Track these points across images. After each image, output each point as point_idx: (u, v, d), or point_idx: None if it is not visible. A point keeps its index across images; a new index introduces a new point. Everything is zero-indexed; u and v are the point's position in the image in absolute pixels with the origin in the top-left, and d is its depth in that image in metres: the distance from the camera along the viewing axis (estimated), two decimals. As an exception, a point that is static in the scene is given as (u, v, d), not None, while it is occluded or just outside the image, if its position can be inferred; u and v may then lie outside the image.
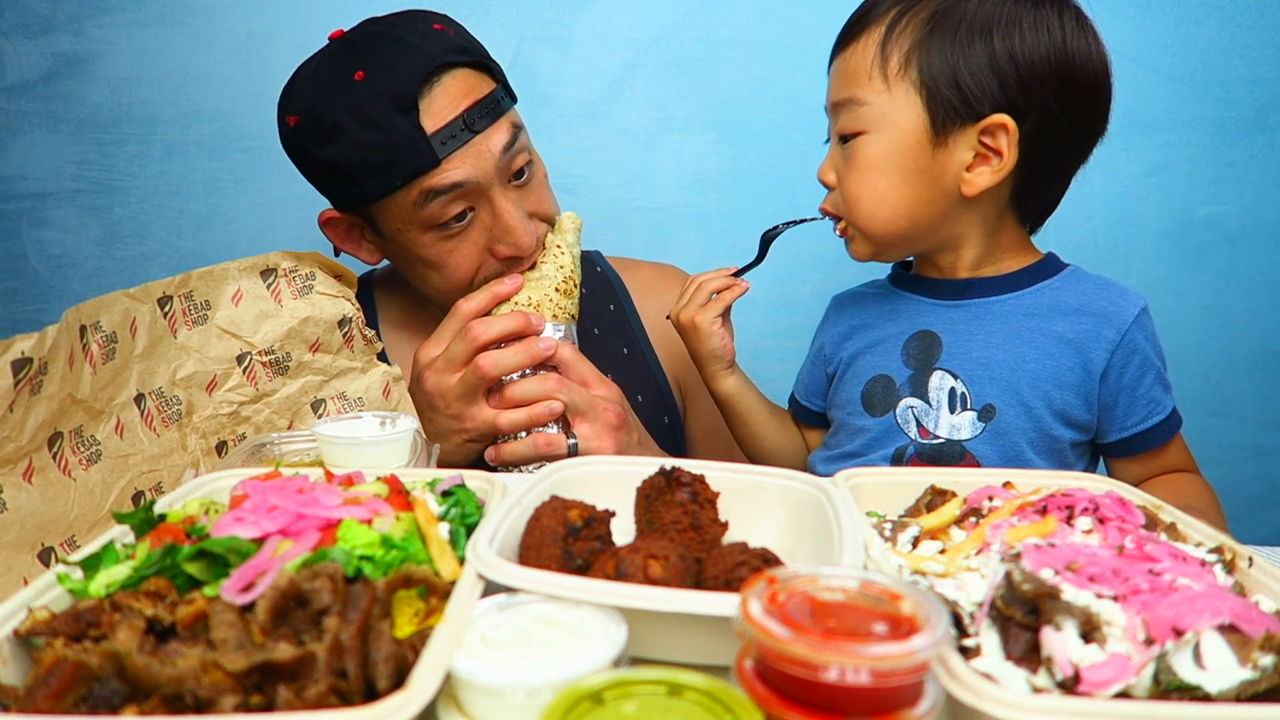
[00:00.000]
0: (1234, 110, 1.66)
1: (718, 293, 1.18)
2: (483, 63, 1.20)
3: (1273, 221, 1.69)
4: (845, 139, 1.06)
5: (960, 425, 1.07)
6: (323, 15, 1.64)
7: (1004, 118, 1.00)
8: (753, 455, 1.28)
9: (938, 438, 1.08)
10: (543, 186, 1.27)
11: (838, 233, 1.12)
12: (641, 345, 1.44)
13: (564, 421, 1.16)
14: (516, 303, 1.18)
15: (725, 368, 1.21)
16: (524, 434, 1.16)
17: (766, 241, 1.19)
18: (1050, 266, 1.12)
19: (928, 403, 1.09)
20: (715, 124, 1.69)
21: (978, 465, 1.05)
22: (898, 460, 1.09)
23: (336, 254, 1.31)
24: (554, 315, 1.19)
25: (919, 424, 1.09)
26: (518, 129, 1.20)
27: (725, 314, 1.19)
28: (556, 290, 1.20)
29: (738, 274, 1.19)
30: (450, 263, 1.20)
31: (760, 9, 1.65)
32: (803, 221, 1.18)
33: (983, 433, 1.06)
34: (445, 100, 1.13)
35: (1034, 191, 1.10)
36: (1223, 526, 0.88)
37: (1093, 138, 1.08)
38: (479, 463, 1.19)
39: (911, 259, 1.21)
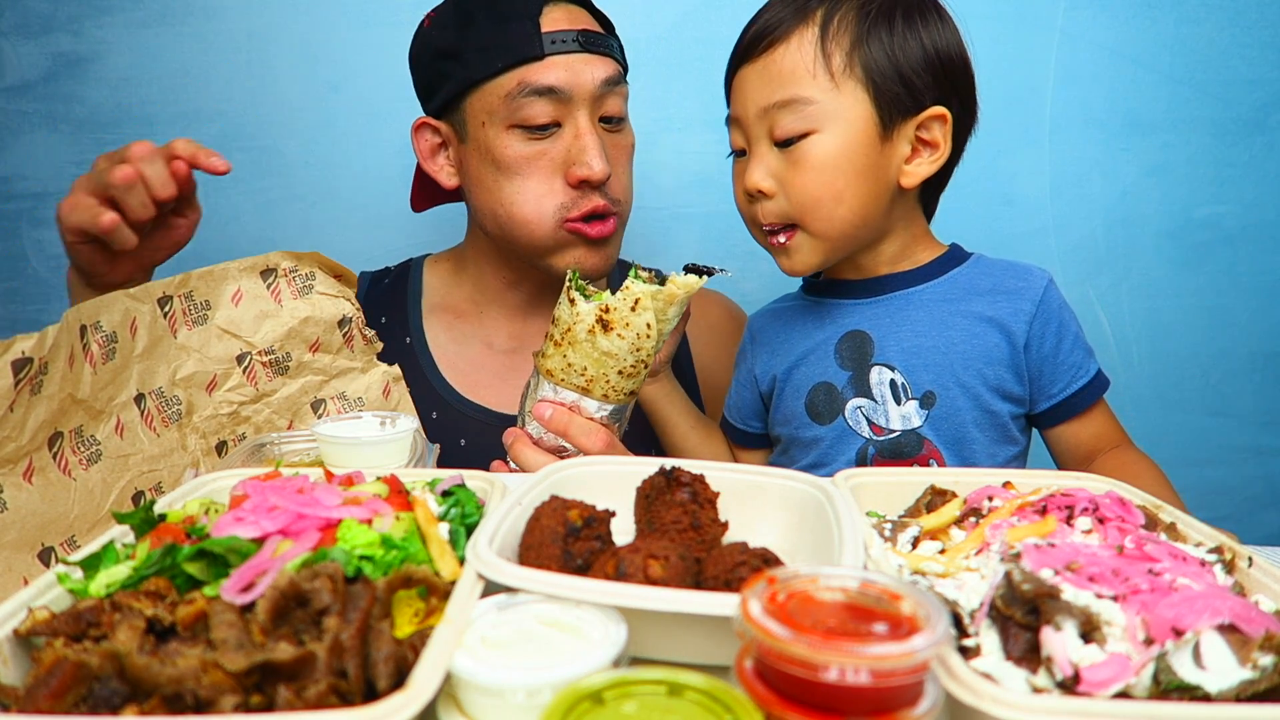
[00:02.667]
0: (1234, 110, 1.66)
1: None
2: (605, 20, 1.30)
3: (1273, 221, 1.69)
4: (787, 142, 1.05)
5: (909, 415, 1.09)
6: (322, 15, 1.64)
7: (942, 109, 1.05)
8: None
9: (893, 431, 1.09)
10: (625, 156, 1.31)
11: (781, 241, 1.10)
12: (687, 378, 1.43)
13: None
14: (571, 365, 1.01)
15: (648, 376, 1.24)
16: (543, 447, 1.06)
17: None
18: (958, 256, 1.16)
19: (873, 399, 1.10)
20: (715, 124, 1.68)
21: (937, 451, 1.08)
22: (861, 462, 1.11)
23: (418, 176, 1.40)
24: (604, 394, 1.02)
25: (870, 422, 1.11)
26: (621, 83, 1.27)
27: None
28: (620, 374, 1.01)
29: None
30: (523, 170, 1.21)
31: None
32: (717, 272, 1.06)
33: (927, 419, 1.08)
34: (566, 18, 1.22)
35: (940, 183, 1.15)
36: (1177, 504, 0.91)
37: (968, 135, 1.14)
38: (480, 462, 1.19)
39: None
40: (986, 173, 1.67)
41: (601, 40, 1.24)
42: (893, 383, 1.09)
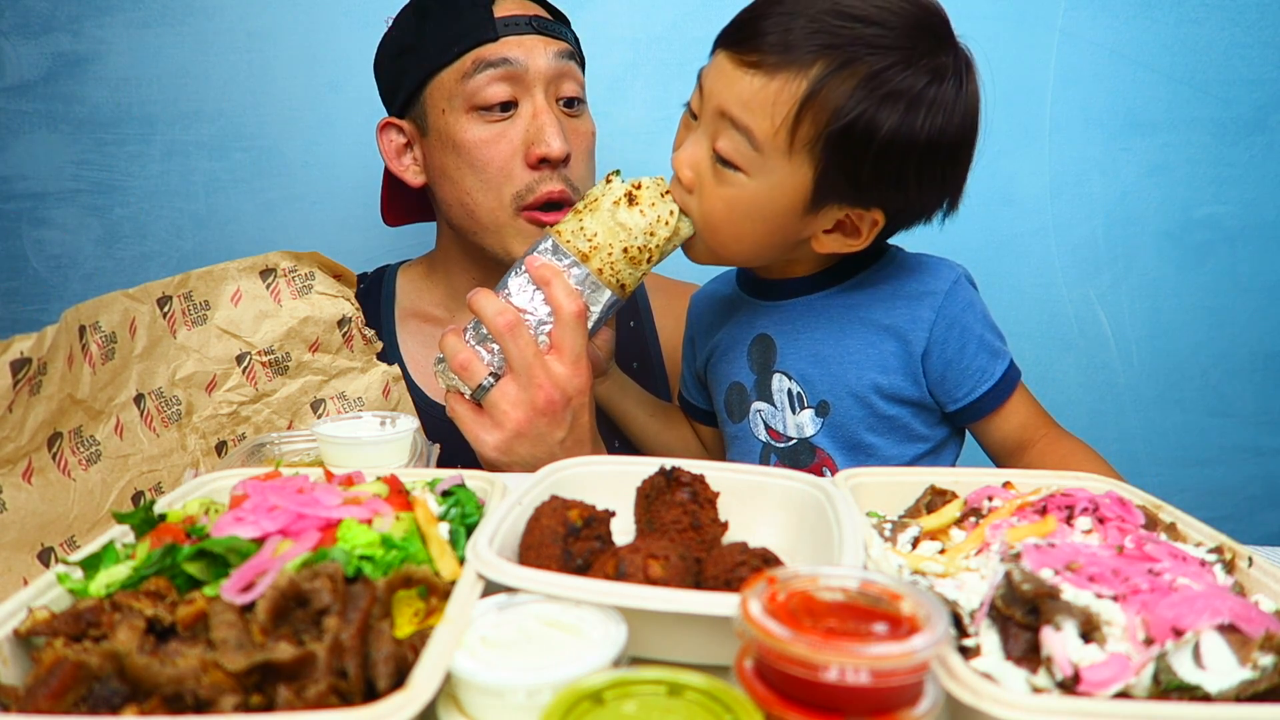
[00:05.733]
0: (1234, 110, 1.66)
1: None
2: (558, 12, 1.34)
3: (1273, 221, 1.69)
4: (723, 160, 0.99)
5: (803, 424, 1.09)
6: (322, 15, 1.64)
7: (879, 215, 1.00)
8: (646, 453, 1.32)
9: (790, 439, 1.10)
10: (585, 143, 1.30)
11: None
12: (654, 364, 1.45)
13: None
14: (584, 228, 1.02)
15: (595, 377, 1.24)
16: (471, 339, 1.05)
17: None
18: (868, 252, 1.09)
19: (773, 405, 1.11)
20: (715, 124, 1.69)
21: (829, 459, 1.09)
22: (764, 464, 1.12)
23: (386, 184, 1.42)
24: (600, 269, 1.02)
25: (767, 426, 1.12)
26: (576, 65, 1.28)
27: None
28: (624, 251, 1.01)
29: None
30: (484, 153, 1.22)
31: (760, 9, 1.65)
32: None
33: (823, 427, 1.08)
34: (518, 5, 1.26)
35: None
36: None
37: (937, 206, 1.04)
38: (451, 465, 1.18)
39: None
40: (986, 173, 1.66)
41: (553, 25, 1.27)
42: (789, 391, 1.10)
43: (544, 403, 1.01)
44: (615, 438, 1.36)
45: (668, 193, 1.03)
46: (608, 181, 1.05)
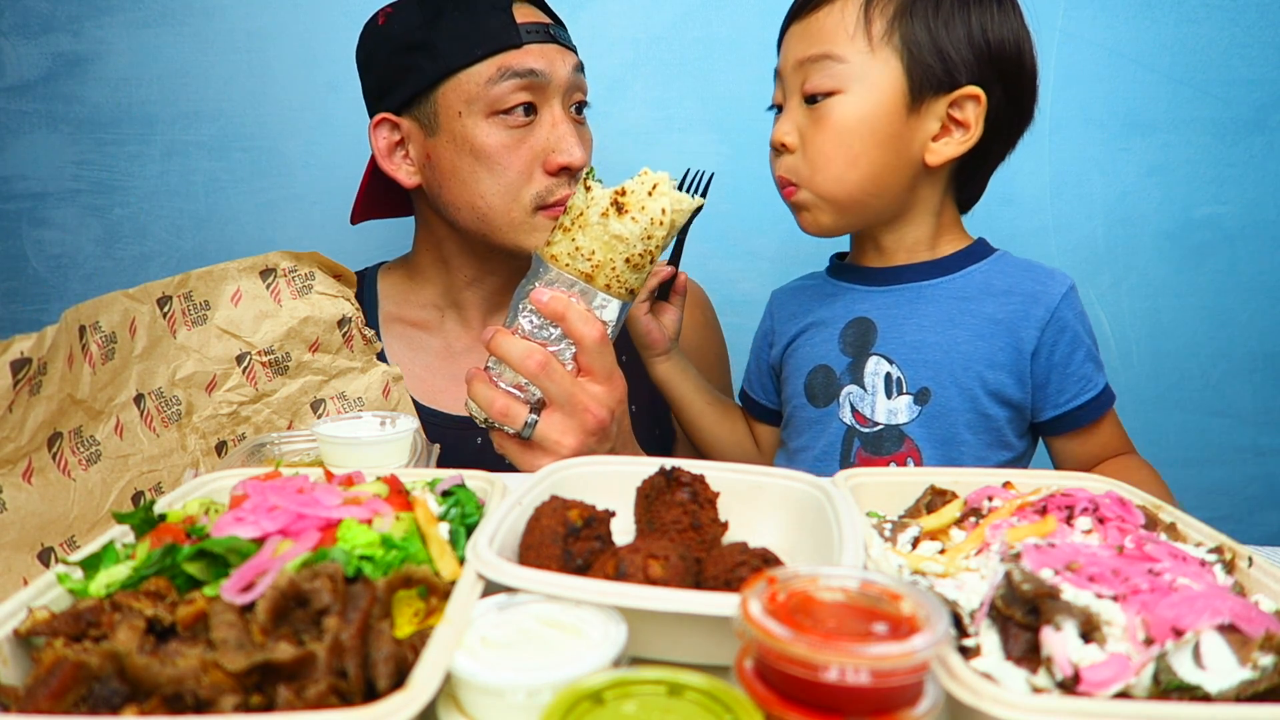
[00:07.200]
0: (1234, 110, 1.66)
1: None
2: (557, 17, 1.33)
3: (1273, 221, 1.69)
4: (813, 99, 1.05)
5: (897, 410, 1.08)
6: (322, 15, 1.64)
7: (977, 90, 1.04)
8: (696, 443, 1.31)
9: (876, 424, 1.09)
10: (590, 145, 1.32)
11: (787, 197, 1.12)
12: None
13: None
14: (579, 248, 0.99)
15: (657, 355, 1.25)
16: (499, 380, 1.04)
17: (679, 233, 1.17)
18: (980, 251, 1.14)
19: (864, 389, 1.10)
20: (715, 124, 1.69)
21: (916, 449, 1.08)
22: (846, 449, 1.11)
23: (371, 170, 1.36)
24: (607, 284, 1.00)
25: (854, 410, 1.11)
26: (582, 76, 1.30)
27: (658, 304, 1.23)
28: (626, 261, 0.99)
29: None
30: (504, 159, 1.22)
31: (760, 9, 1.65)
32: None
33: (919, 416, 1.07)
34: (532, 13, 1.26)
35: (973, 174, 1.14)
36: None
37: (1022, 128, 1.12)
38: (480, 461, 1.19)
39: (847, 250, 1.23)
40: (986, 172, 1.67)
41: (566, 35, 1.29)
42: (888, 375, 1.09)
43: (594, 425, 1.03)
44: (656, 426, 1.36)
45: (656, 187, 0.99)
46: (587, 190, 1.00)
